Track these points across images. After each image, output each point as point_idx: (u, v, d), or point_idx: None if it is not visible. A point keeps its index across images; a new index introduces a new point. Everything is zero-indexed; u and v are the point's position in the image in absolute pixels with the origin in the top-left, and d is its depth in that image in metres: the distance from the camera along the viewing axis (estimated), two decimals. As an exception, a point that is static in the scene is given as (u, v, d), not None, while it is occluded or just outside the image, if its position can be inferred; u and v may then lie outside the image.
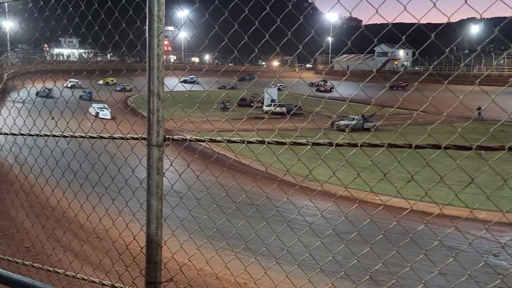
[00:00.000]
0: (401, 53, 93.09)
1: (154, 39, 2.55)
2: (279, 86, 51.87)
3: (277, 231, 3.00)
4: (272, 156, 2.69)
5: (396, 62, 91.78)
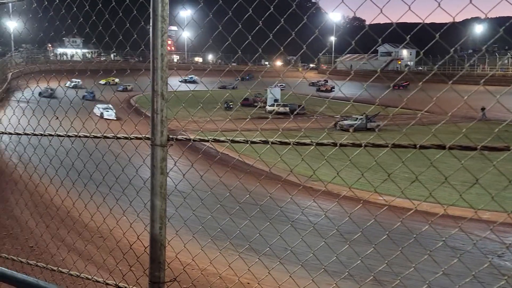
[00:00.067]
0: (404, 52, 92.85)
1: (158, 39, 2.55)
2: (280, 86, 51.68)
3: (280, 231, 3.00)
4: (275, 156, 2.69)
5: (399, 62, 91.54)
